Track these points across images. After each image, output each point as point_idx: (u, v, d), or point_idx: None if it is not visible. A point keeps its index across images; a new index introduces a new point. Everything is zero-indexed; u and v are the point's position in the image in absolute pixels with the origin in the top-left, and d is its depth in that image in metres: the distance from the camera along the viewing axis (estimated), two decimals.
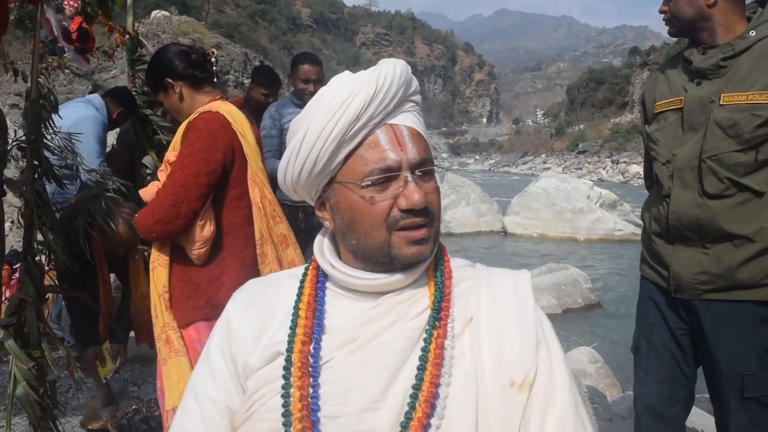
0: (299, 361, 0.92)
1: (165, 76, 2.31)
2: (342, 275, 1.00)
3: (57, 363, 2.19)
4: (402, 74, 0.98)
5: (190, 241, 2.10)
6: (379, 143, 0.95)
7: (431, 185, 0.97)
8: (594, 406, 3.61)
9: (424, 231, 0.95)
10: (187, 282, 2.14)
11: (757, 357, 1.92)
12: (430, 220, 0.96)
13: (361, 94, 0.95)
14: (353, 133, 0.95)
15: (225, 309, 1.07)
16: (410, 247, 0.95)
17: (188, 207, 2.05)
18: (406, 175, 0.94)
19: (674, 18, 2.00)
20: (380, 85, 0.95)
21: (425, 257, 0.97)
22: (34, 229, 2.03)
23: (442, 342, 0.92)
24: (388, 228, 0.94)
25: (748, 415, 1.93)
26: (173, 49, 2.37)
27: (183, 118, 2.29)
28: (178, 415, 1.03)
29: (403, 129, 0.97)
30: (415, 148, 0.96)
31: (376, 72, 0.97)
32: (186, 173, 2.07)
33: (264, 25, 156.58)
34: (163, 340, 2.13)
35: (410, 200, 0.93)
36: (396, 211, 0.94)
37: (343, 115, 0.94)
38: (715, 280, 1.93)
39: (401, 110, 0.99)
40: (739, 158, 1.86)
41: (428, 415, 0.86)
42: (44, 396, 2.01)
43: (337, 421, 0.88)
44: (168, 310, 2.13)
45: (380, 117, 0.96)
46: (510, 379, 0.91)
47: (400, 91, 0.98)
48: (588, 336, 5.82)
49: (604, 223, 14.69)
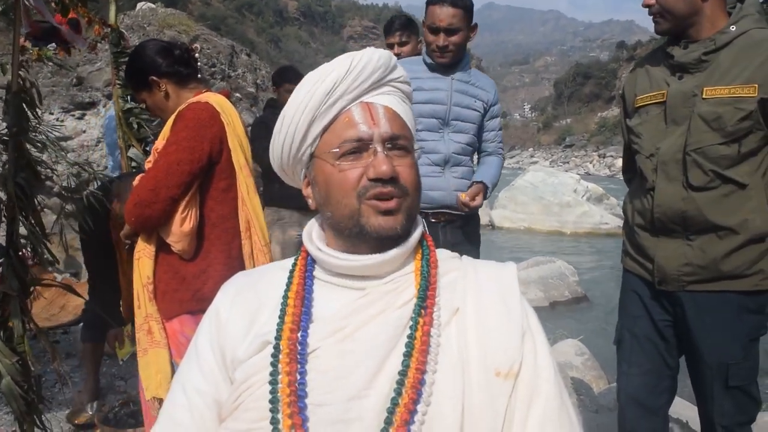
0: (287, 347, 0.92)
1: (149, 74, 2.25)
2: (327, 257, 1.02)
3: (42, 357, 2.17)
4: (381, 59, 1.03)
5: (169, 234, 2.08)
6: (353, 118, 0.99)
7: (406, 160, 1.00)
8: (580, 398, 3.65)
9: (393, 202, 0.97)
10: (173, 275, 2.13)
11: (742, 346, 1.95)
12: (402, 193, 0.98)
13: (335, 72, 1.00)
14: (326, 107, 1.00)
15: (214, 301, 1.07)
16: (378, 217, 0.97)
17: (167, 192, 2.03)
18: (376, 146, 0.97)
19: (666, 12, 1.96)
20: (354, 64, 1.00)
21: (394, 230, 0.98)
22: (17, 223, 2.01)
23: (428, 330, 0.93)
24: (358, 197, 0.97)
25: (732, 403, 1.96)
26: (154, 45, 2.31)
27: (168, 116, 2.25)
28: (166, 405, 1.04)
29: (378, 107, 1.01)
30: (389, 124, 0.99)
31: (353, 53, 1.03)
32: (169, 160, 2.05)
33: (251, 17, 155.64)
34: (144, 330, 2.12)
35: (377, 169, 0.95)
36: (365, 181, 0.96)
37: (317, 91, 0.99)
38: (700, 272, 1.95)
39: (381, 91, 1.03)
40: (722, 151, 1.88)
41: (414, 401, 0.87)
42: (29, 390, 2.00)
43: (323, 408, 0.88)
44: (151, 301, 2.12)
45: (354, 93, 1.00)
46: (495, 368, 0.92)
47: (376, 73, 1.01)
48: (575, 329, 5.87)
49: (591, 217, 14.77)
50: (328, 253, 1.02)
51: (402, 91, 1.06)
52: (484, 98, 2.85)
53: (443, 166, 2.78)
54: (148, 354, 2.11)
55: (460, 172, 2.83)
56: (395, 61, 1.05)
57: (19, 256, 2.04)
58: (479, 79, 2.89)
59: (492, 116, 2.93)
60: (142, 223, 2.09)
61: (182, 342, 2.08)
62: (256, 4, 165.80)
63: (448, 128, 2.78)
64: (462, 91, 2.79)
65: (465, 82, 2.81)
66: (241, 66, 7.91)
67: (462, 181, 2.80)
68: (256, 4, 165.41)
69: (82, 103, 6.39)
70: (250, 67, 8.04)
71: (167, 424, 1.01)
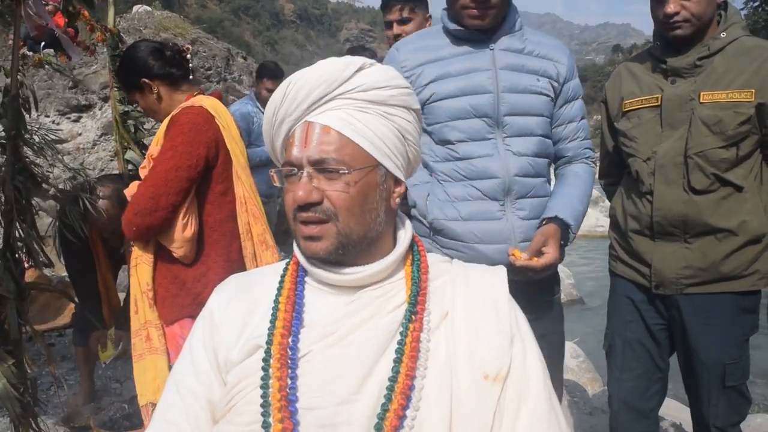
0: (278, 353, 0.94)
1: (140, 76, 2.23)
2: (317, 269, 1.02)
3: (37, 360, 2.18)
4: (324, 75, 0.99)
5: (170, 241, 2.08)
6: (294, 138, 1.00)
7: (336, 184, 0.97)
8: (575, 400, 3.66)
9: (314, 228, 0.97)
10: (172, 280, 2.12)
11: (738, 345, 1.98)
12: (327, 217, 0.97)
13: (277, 95, 1.02)
14: (275, 128, 1.03)
15: (207, 303, 1.09)
16: (303, 241, 0.99)
17: (167, 200, 2.03)
18: (305, 170, 0.98)
19: (695, 18, 1.91)
20: (290, 87, 1.00)
21: (317, 255, 0.99)
22: (14, 226, 2.01)
23: (418, 335, 0.94)
24: (293, 219, 0.99)
25: (727, 404, 1.98)
26: (146, 46, 2.28)
27: (160, 118, 2.24)
28: (160, 406, 1.05)
29: (316, 126, 0.98)
30: (319, 147, 0.97)
31: (299, 73, 1.01)
32: (167, 166, 2.04)
33: (247, 20, 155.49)
34: (142, 336, 2.12)
35: (295, 194, 0.96)
36: (295, 204, 0.98)
37: (267, 113, 1.04)
38: (700, 274, 1.97)
39: (326, 107, 0.99)
40: (722, 154, 1.91)
41: (404, 407, 0.88)
42: (25, 393, 2.00)
43: (314, 413, 0.90)
44: (151, 308, 2.12)
45: (295, 115, 1.00)
46: (484, 372, 0.93)
47: (316, 92, 0.98)
48: (570, 331, 5.85)
49: (586, 219, 14.56)
50: (317, 265, 1.02)
51: (364, 99, 1.00)
52: (552, 72, 1.86)
53: (503, 200, 1.79)
54: (145, 360, 2.11)
55: (531, 208, 1.82)
56: (352, 72, 1.00)
57: (16, 259, 2.04)
58: (540, 44, 1.88)
59: (567, 99, 1.92)
60: (143, 232, 2.08)
61: (181, 345, 2.08)
62: (253, 7, 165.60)
63: (500, 131, 1.80)
64: (515, 67, 1.82)
65: (518, 52, 1.84)
66: (237, 69, 7.91)
67: (534, 223, 1.82)
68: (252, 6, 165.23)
69: (78, 106, 6.38)
70: (246, 69, 8.04)
71: (161, 425, 1.02)
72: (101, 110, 6.40)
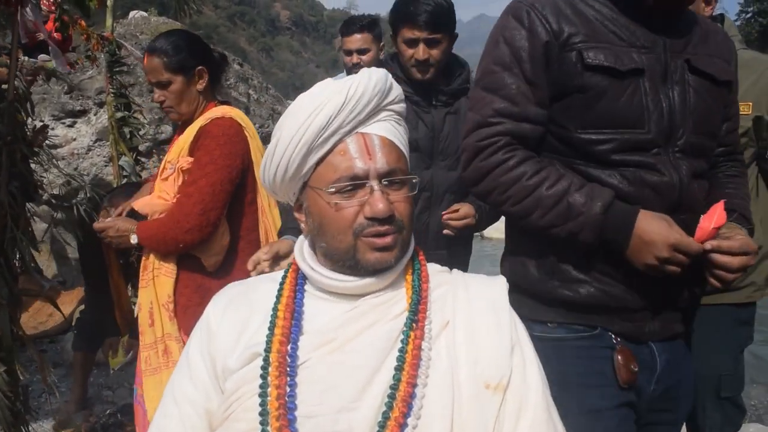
0: (276, 360, 0.93)
1: (201, 63, 2.14)
2: (320, 277, 1.02)
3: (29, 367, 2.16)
4: (377, 84, 1.00)
5: (207, 251, 2.05)
6: (348, 151, 0.98)
7: (401, 194, 0.99)
8: None
9: (389, 239, 0.97)
10: (195, 289, 2.08)
11: (734, 357, 1.99)
12: (397, 228, 0.98)
13: (331, 104, 0.97)
14: (322, 141, 0.97)
15: (205, 311, 1.08)
16: (374, 253, 0.97)
17: (216, 215, 2.01)
18: (372, 183, 0.96)
19: None
20: (351, 95, 0.97)
21: (389, 264, 0.99)
22: (7, 231, 2.00)
23: (419, 343, 0.94)
24: (355, 234, 0.97)
25: (722, 415, 1.99)
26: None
27: (181, 113, 2.15)
28: (156, 416, 1.04)
29: (374, 138, 0.99)
30: (385, 158, 0.98)
31: (349, 82, 0.99)
32: (212, 180, 2.01)
33: (243, 26, 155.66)
34: (159, 349, 2.07)
35: (374, 209, 0.95)
36: (362, 218, 0.96)
37: (312, 124, 0.97)
38: None
39: (376, 119, 1.01)
40: None
41: (405, 415, 0.88)
42: (16, 400, 1.99)
43: (313, 420, 0.89)
44: (171, 320, 2.06)
45: (350, 126, 0.98)
46: (485, 382, 0.93)
47: (373, 101, 0.99)
48: None
49: None
50: (321, 273, 1.02)
51: (397, 112, 1.04)
52: None
53: None
54: (161, 374, 2.05)
55: None
56: (391, 82, 1.03)
57: (10, 264, 2.03)
58: None
59: None
60: (190, 248, 2.04)
61: None
62: (248, 13, 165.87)
63: None
64: None
65: None
66: (233, 75, 7.91)
67: None
68: (247, 13, 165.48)
69: (73, 111, 6.35)
70: (242, 76, 8.04)
71: None
72: (96, 115, 6.38)
